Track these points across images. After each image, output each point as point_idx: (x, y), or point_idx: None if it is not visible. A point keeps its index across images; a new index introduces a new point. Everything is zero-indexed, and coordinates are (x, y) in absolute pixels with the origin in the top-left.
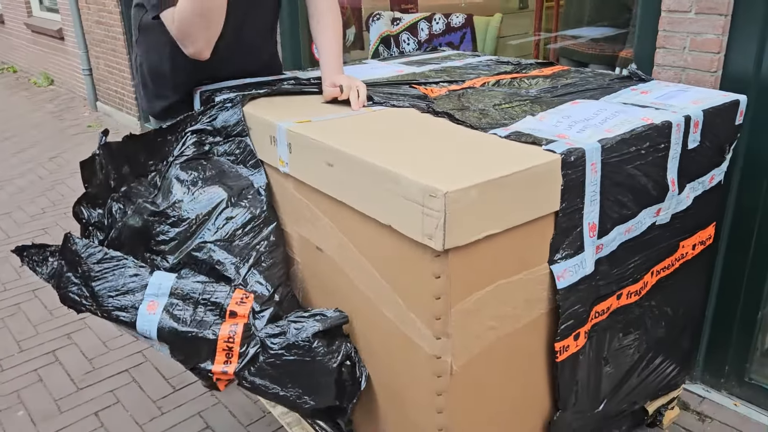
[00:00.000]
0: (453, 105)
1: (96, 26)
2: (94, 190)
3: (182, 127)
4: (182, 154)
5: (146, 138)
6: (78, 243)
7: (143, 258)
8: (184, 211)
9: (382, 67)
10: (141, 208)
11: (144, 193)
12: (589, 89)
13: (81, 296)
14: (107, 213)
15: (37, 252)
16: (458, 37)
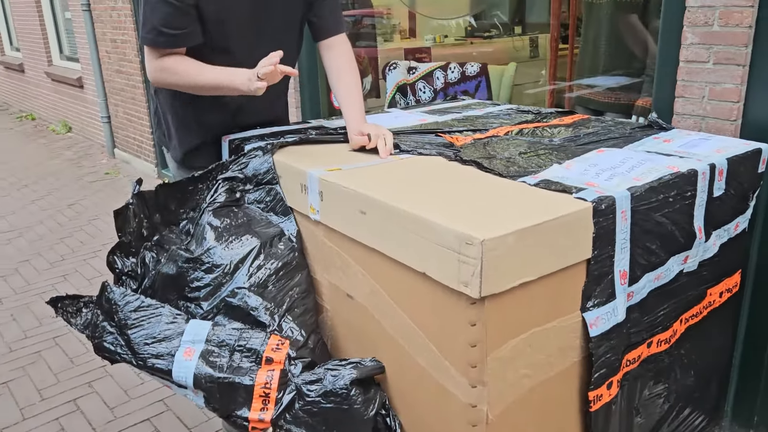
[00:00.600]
0: (480, 153)
1: (116, 75)
2: (127, 240)
3: (213, 175)
4: (214, 201)
5: (179, 186)
6: (115, 292)
7: (177, 305)
8: (217, 258)
9: (404, 116)
10: (175, 255)
11: (176, 240)
12: (611, 138)
13: (116, 345)
14: (140, 262)
15: (71, 303)
16: (473, 85)
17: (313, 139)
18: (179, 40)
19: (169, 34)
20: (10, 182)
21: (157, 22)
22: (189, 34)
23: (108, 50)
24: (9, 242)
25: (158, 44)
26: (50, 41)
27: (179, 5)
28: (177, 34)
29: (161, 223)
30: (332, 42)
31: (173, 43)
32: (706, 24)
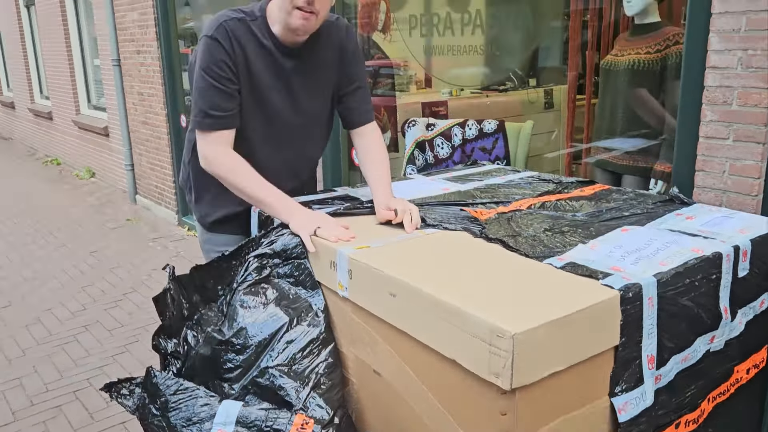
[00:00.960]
0: (504, 231)
1: (142, 126)
2: (169, 322)
3: (245, 252)
4: (245, 280)
5: (212, 266)
6: (158, 375)
7: (214, 385)
8: (247, 339)
9: (428, 183)
10: (210, 338)
11: (213, 319)
12: (634, 214)
13: (160, 427)
14: (183, 341)
15: (123, 386)
16: (491, 142)
17: (342, 213)
18: (226, 122)
19: (216, 116)
20: (36, 228)
21: (206, 106)
22: (234, 116)
23: (135, 102)
24: (33, 291)
25: (205, 127)
26: (79, 91)
27: (225, 89)
28: (223, 116)
29: (201, 301)
30: (363, 130)
31: (220, 125)
32: (725, 103)
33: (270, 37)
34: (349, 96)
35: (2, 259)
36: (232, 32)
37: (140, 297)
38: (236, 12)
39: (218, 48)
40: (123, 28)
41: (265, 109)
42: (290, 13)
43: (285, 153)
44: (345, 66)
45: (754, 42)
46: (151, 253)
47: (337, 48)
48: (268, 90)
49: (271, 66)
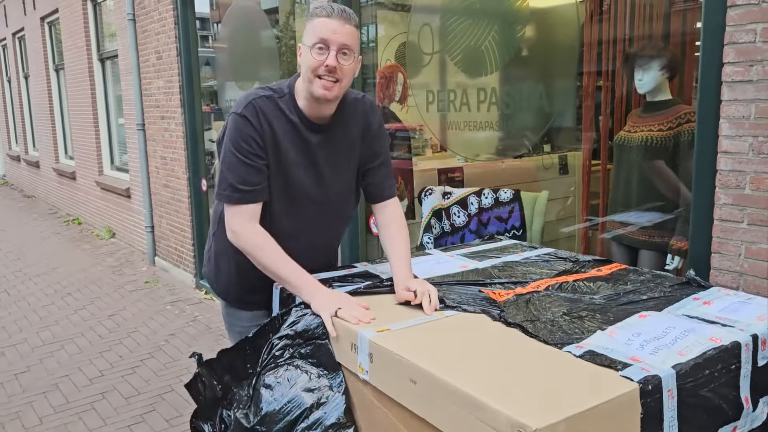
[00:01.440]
0: (523, 315)
1: (163, 189)
2: (203, 405)
3: (268, 332)
4: (268, 363)
5: (237, 349)
6: None
7: None
8: (271, 426)
9: (446, 260)
10: (238, 424)
11: (244, 398)
12: (652, 298)
13: None
14: (219, 421)
15: None
16: (507, 211)
17: (362, 292)
18: (254, 196)
19: (244, 190)
20: (55, 290)
21: (234, 180)
22: (262, 190)
23: (157, 166)
24: (51, 354)
25: (236, 200)
26: (103, 153)
27: (253, 164)
28: (251, 190)
29: (232, 380)
30: (385, 204)
31: (248, 199)
32: (738, 187)
33: (297, 112)
34: (374, 171)
35: (22, 322)
36: (261, 109)
37: (157, 363)
38: (265, 90)
39: (247, 125)
40: (149, 95)
41: (291, 184)
42: (312, 82)
43: (309, 228)
44: (370, 142)
45: (764, 129)
46: (169, 317)
47: (362, 124)
48: (294, 166)
49: (297, 141)
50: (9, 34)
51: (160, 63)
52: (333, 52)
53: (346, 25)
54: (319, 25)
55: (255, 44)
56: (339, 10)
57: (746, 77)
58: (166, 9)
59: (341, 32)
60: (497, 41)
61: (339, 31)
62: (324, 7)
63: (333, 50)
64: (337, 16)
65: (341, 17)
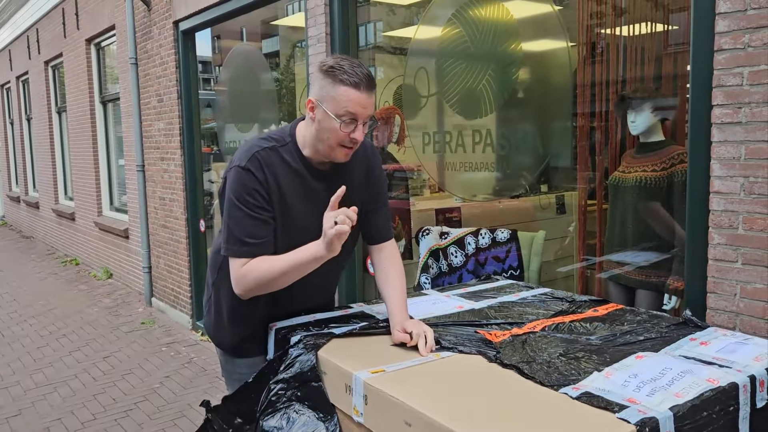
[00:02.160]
0: (519, 356)
1: (161, 229)
2: None
3: (265, 378)
4: (266, 409)
5: (240, 394)
6: None
7: None
8: None
9: (442, 301)
10: None
11: None
12: (648, 339)
13: None
14: None
15: None
16: (504, 251)
17: (357, 333)
18: (261, 249)
19: (252, 243)
20: (50, 331)
21: (241, 234)
22: (269, 242)
23: (156, 206)
24: (44, 397)
25: (244, 254)
26: (102, 193)
27: (259, 216)
28: (259, 243)
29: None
30: (383, 246)
31: (258, 252)
32: (731, 227)
33: (300, 159)
34: (374, 214)
35: (15, 364)
36: (264, 161)
37: (151, 406)
38: (266, 141)
39: (251, 178)
40: (149, 136)
41: (294, 230)
42: (334, 149)
43: (313, 275)
44: (371, 185)
45: (754, 170)
46: (164, 359)
47: (364, 167)
48: (299, 213)
49: (301, 189)
50: (13, 77)
51: (161, 105)
52: (360, 126)
53: (372, 95)
54: (346, 97)
55: (255, 87)
56: (366, 78)
57: (735, 119)
58: (168, 53)
59: (369, 105)
60: (492, 84)
61: (368, 105)
62: (348, 72)
63: (360, 124)
64: (365, 89)
65: (368, 88)
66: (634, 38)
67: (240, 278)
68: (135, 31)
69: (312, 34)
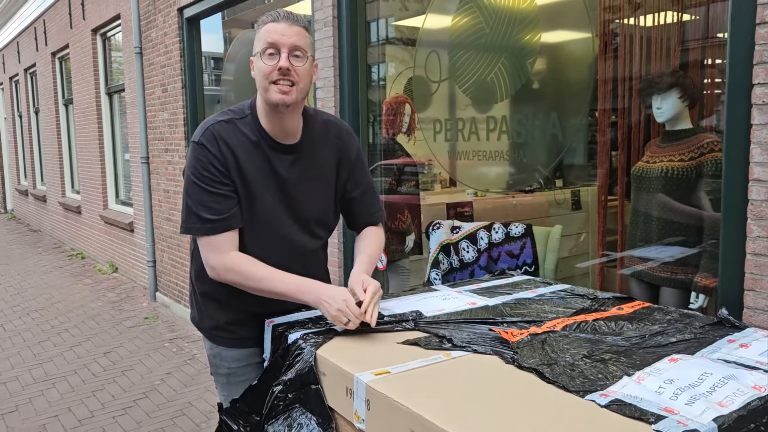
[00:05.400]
0: (539, 357)
1: (165, 222)
2: None
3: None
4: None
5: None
6: None
7: None
8: None
9: (453, 296)
10: None
11: None
12: (682, 340)
13: None
14: None
15: None
16: (518, 246)
17: (361, 330)
18: (225, 224)
19: (213, 219)
20: (52, 325)
21: (200, 210)
22: (232, 216)
23: (160, 199)
24: (41, 393)
25: (205, 231)
26: (108, 186)
27: (218, 191)
28: (221, 219)
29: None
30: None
31: (221, 228)
32: None
33: (261, 133)
34: (358, 200)
35: (15, 359)
36: (219, 135)
37: (150, 404)
38: (224, 114)
39: (205, 153)
40: (153, 127)
41: (257, 209)
42: (268, 89)
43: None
44: (349, 169)
45: None
46: (166, 355)
47: (335, 148)
48: (261, 189)
49: (262, 164)
50: (21, 69)
51: (165, 96)
52: (284, 54)
53: (294, 26)
54: (266, 31)
55: None
56: (285, 13)
57: None
58: (172, 42)
59: (290, 33)
60: (507, 70)
61: (287, 33)
62: (269, 13)
63: (284, 52)
64: (284, 19)
65: (288, 19)
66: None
67: (214, 268)
68: (140, 19)
69: (318, 18)
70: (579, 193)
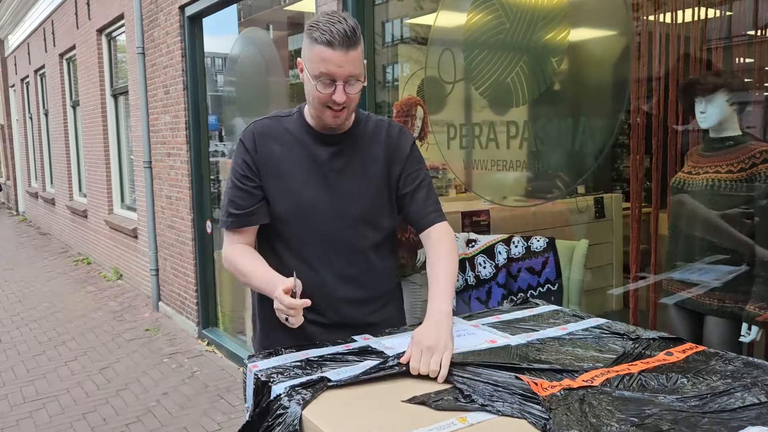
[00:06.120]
0: (578, 423)
1: (167, 230)
2: None
3: None
4: None
5: None
6: None
7: None
8: None
9: (469, 332)
10: None
11: None
12: (753, 405)
13: None
14: None
15: None
16: (540, 262)
17: (362, 380)
18: (244, 220)
19: (236, 214)
20: (50, 337)
21: (229, 205)
22: (252, 213)
23: (163, 205)
24: (30, 415)
25: (230, 225)
26: (113, 190)
27: (243, 186)
28: (241, 214)
29: None
30: (429, 232)
31: (240, 223)
32: None
33: (306, 128)
34: (411, 197)
35: (7, 374)
36: (258, 132)
37: (143, 430)
38: (272, 114)
39: (241, 149)
40: (156, 130)
41: (298, 203)
42: (322, 112)
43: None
44: (401, 167)
45: None
46: (164, 372)
47: (386, 145)
48: (301, 182)
49: (303, 157)
50: (31, 71)
51: (168, 97)
52: (340, 86)
53: (350, 53)
54: (319, 57)
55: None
56: (340, 36)
57: None
58: (174, 42)
59: (346, 63)
60: (528, 71)
61: (343, 63)
62: (322, 29)
63: (340, 84)
64: (339, 47)
65: (343, 46)
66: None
67: (226, 255)
68: (142, 18)
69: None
70: (602, 201)
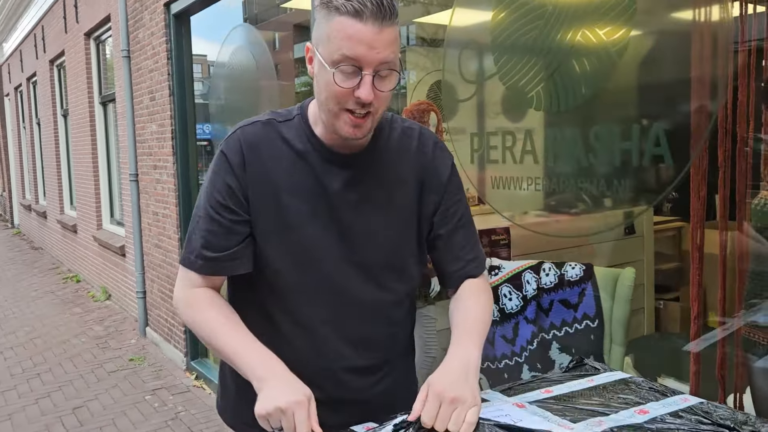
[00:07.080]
0: None
1: (155, 249)
2: None
3: None
4: None
5: None
6: None
7: None
8: None
9: (510, 412)
10: None
11: None
12: None
13: None
14: None
15: None
16: (576, 293)
17: None
18: (219, 266)
19: (208, 257)
20: (24, 368)
21: (198, 242)
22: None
23: (150, 222)
24: None
25: (195, 269)
26: (102, 204)
27: (222, 221)
28: (216, 258)
29: None
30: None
31: (212, 269)
32: None
33: (310, 141)
34: (444, 240)
35: None
36: (246, 141)
37: None
38: (264, 115)
39: (223, 165)
40: (142, 141)
41: (297, 244)
42: (336, 116)
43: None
44: (437, 198)
45: None
46: (145, 413)
47: (418, 164)
48: (302, 216)
49: (307, 182)
50: (24, 79)
51: (153, 104)
52: (368, 77)
53: (386, 30)
54: (342, 32)
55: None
56: (373, 5)
57: None
58: (159, 42)
59: (379, 44)
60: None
61: (377, 44)
62: None
63: (368, 74)
64: (371, 19)
65: (378, 17)
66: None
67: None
68: (127, 18)
69: None
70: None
